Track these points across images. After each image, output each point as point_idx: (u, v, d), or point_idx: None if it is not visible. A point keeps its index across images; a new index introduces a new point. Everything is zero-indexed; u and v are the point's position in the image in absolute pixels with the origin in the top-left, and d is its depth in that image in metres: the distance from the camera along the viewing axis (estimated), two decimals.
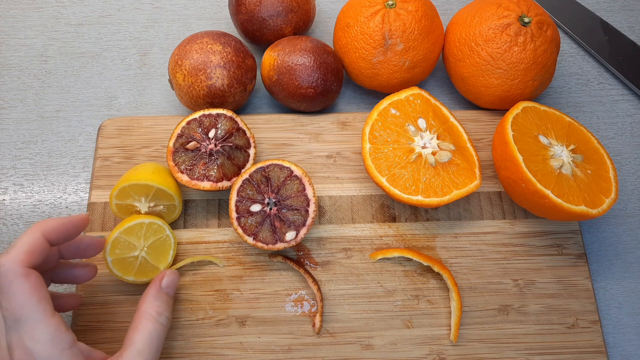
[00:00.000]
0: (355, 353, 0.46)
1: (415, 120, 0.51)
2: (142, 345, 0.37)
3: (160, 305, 0.40)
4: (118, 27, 0.64)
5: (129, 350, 0.37)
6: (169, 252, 0.47)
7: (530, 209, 0.48)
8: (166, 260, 0.47)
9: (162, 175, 0.47)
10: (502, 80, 0.51)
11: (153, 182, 0.46)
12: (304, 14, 0.56)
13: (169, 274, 0.43)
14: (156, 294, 0.41)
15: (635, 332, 0.49)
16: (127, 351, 0.37)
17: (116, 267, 0.45)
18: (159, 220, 0.47)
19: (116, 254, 0.45)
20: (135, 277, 0.45)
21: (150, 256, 0.46)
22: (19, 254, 0.35)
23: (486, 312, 0.48)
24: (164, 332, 0.39)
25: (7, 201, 0.54)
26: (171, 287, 0.42)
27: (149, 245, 0.46)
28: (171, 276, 0.43)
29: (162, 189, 0.46)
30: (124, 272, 0.45)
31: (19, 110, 0.58)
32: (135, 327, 0.38)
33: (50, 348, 0.34)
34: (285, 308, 0.47)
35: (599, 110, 0.59)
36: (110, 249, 0.44)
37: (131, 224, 0.45)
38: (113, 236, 0.44)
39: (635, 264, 0.52)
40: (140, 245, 0.45)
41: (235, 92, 0.52)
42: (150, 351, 0.37)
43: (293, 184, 0.47)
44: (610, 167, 0.48)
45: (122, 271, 0.45)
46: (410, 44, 0.52)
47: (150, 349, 0.37)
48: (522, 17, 0.50)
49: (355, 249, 0.50)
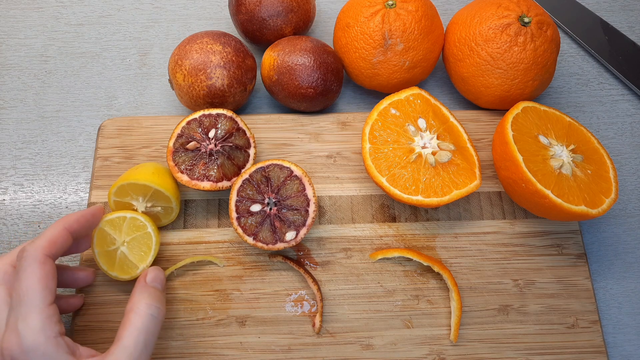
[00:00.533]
0: (355, 353, 0.46)
1: (415, 120, 0.51)
2: (129, 341, 0.36)
3: (148, 298, 0.39)
4: (118, 27, 0.64)
5: (116, 346, 0.36)
6: (149, 250, 0.46)
7: (530, 209, 0.48)
8: (145, 259, 0.45)
9: (161, 176, 0.47)
10: (502, 80, 0.51)
11: (152, 183, 0.46)
12: (304, 14, 0.56)
13: (152, 270, 0.42)
14: (142, 289, 0.40)
15: (635, 332, 0.49)
16: (114, 347, 0.36)
17: (102, 260, 0.45)
18: (142, 216, 0.46)
19: (101, 247, 0.45)
20: (118, 273, 0.45)
21: (131, 252, 0.45)
22: (42, 242, 0.38)
23: (486, 312, 0.48)
24: (154, 325, 0.38)
25: (7, 201, 0.54)
26: (157, 281, 0.42)
27: (129, 241, 0.45)
28: (155, 271, 0.42)
29: (160, 191, 0.46)
30: (109, 266, 0.45)
31: (19, 110, 0.58)
32: (123, 323, 0.38)
33: (37, 334, 0.34)
34: (285, 308, 0.47)
35: (599, 110, 0.59)
36: (96, 241, 0.45)
37: (113, 217, 0.45)
38: (97, 228, 0.45)
39: (635, 264, 0.52)
40: (120, 239, 0.45)
41: (235, 92, 0.52)
42: (138, 346, 0.36)
43: (293, 184, 0.47)
44: (610, 167, 0.48)
45: (107, 265, 0.45)
46: (410, 44, 0.52)
47: (137, 344, 0.36)
48: (522, 17, 0.50)
49: (355, 249, 0.50)
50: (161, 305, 0.40)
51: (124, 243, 0.45)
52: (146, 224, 0.46)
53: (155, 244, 0.46)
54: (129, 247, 0.45)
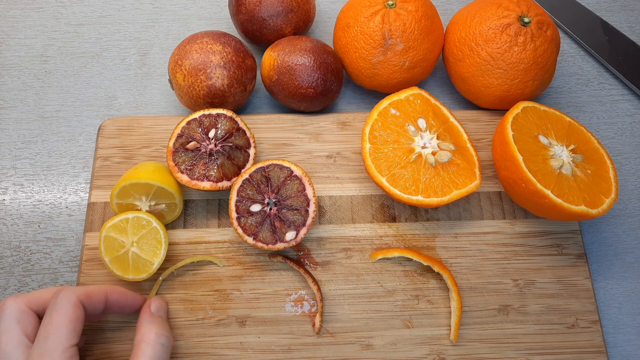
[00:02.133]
0: (355, 353, 0.46)
1: (415, 120, 0.51)
2: None
3: (156, 327, 0.41)
4: (118, 27, 0.64)
5: None
6: (160, 244, 0.46)
7: (530, 209, 0.48)
8: (158, 253, 0.45)
9: (162, 173, 0.47)
10: (502, 80, 0.51)
11: (153, 181, 0.46)
12: (304, 14, 0.56)
13: (154, 300, 0.44)
14: (150, 319, 0.42)
15: (635, 332, 0.49)
16: None
17: (114, 266, 0.45)
18: (145, 214, 0.46)
19: (111, 254, 0.45)
20: (134, 274, 0.45)
21: (142, 250, 0.45)
22: (80, 289, 0.40)
23: (486, 312, 0.48)
24: (166, 353, 0.40)
25: (7, 201, 0.54)
26: (162, 311, 0.44)
27: (137, 240, 0.45)
28: (158, 301, 0.44)
29: (163, 188, 0.46)
30: (123, 270, 0.45)
31: (19, 110, 0.58)
32: (135, 354, 0.39)
33: None
34: (285, 308, 0.47)
35: (599, 110, 0.59)
36: (104, 249, 0.44)
37: (115, 221, 0.45)
38: (102, 236, 0.45)
39: (635, 264, 0.52)
40: (129, 240, 0.45)
41: (235, 92, 0.52)
42: None
43: (293, 184, 0.47)
44: (610, 167, 0.48)
45: (121, 270, 0.45)
46: (410, 44, 0.52)
47: None
48: (522, 17, 0.50)
49: (355, 249, 0.50)
50: (169, 333, 0.41)
51: (132, 244, 0.45)
52: (150, 219, 0.46)
53: (164, 236, 0.46)
54: (138, 246, 0.45)
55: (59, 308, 0.38)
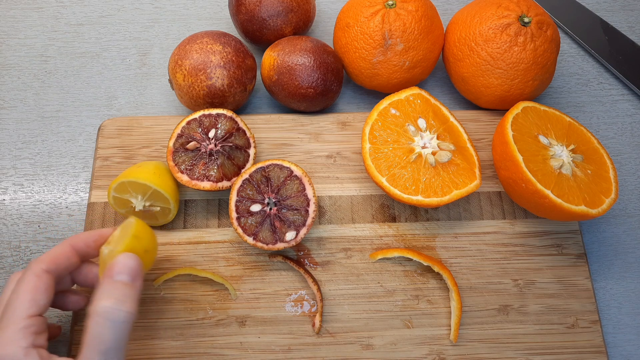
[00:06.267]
0: (355, 353, 0.46)
1: (415, 120, 0.51)
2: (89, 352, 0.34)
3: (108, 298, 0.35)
4: (118, 27, 0.64)
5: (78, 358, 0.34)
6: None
7: (530, 209, 0.48)
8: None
9: (162, 177, 0.47)
10: (502, 80, 0.51)
11: (151, 183, 0.46)
12: (304, 14, 0.56)
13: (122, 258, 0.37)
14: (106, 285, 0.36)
15: (635, 332, 0.49)
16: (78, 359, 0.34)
17: None
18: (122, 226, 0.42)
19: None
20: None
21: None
22: (44, 257, 0.39)
23: (486, 312, 0.48)
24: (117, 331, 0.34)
25: (7, 201, 0.54)
26: (126, 273, 0.36)
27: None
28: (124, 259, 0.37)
29: (159, 192, 0.46)
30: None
31: (19, 110, 0.58)
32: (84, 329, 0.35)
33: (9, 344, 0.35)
34: (285, 308, 0.47)
35: (599, 110, 0.59)
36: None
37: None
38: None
39: (635, 264, 0.52)
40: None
41: (235, 92, 0.52)
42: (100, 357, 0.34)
43: (293, 184, 0.47)
44: (610, 167, 0.48)
45: None
46: (410, 44, 0.52)
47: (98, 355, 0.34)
48: (522, 17, 0.50)
49: (355, 249, 0.50)
50: (124, 306, 0.35)
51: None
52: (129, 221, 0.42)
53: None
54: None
55: (21, 280, 0.37)
